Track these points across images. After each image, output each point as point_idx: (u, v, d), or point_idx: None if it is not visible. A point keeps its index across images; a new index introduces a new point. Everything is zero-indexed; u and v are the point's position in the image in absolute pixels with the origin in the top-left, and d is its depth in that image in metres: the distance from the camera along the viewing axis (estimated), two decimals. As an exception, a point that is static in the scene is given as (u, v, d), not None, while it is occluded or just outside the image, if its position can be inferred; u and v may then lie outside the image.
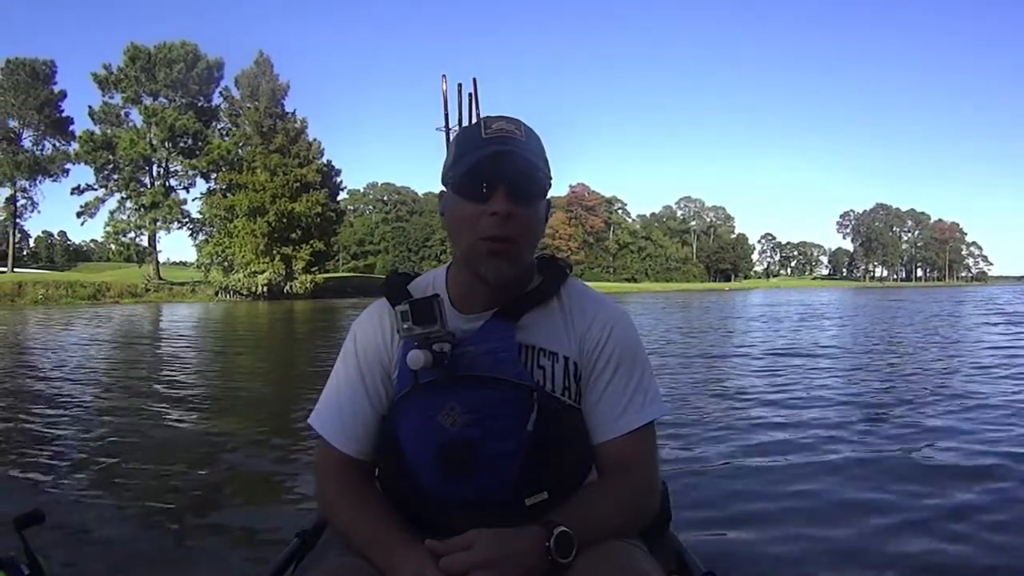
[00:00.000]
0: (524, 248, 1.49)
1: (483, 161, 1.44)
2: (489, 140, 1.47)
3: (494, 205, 1.43)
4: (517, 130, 1.50)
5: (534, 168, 1.47)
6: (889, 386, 9.68)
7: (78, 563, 3.66)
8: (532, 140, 1.52)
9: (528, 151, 1.48)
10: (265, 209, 61.74)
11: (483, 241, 1.45)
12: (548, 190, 1.54)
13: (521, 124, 1.52)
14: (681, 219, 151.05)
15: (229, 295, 60.71)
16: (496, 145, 1.45)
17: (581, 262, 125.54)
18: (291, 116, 67.12)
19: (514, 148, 1.46)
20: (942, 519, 4.20)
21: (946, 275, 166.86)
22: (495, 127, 1.49)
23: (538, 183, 1.49)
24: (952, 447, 6.03)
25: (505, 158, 1.44)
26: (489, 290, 1.53)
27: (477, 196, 1.45)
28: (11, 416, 7.91)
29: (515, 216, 1.44)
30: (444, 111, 3.86)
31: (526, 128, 1.53)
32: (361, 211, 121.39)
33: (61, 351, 16.03)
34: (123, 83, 65.85)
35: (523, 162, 1.45)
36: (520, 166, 1.45)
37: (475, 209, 1.45)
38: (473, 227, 1.46)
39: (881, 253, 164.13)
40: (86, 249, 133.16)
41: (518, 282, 1.57)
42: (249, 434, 6.94)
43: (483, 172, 1.45)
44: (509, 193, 1.44)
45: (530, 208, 1.48)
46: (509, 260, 1.47)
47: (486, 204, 1.44)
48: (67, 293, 53.48)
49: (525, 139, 1.49)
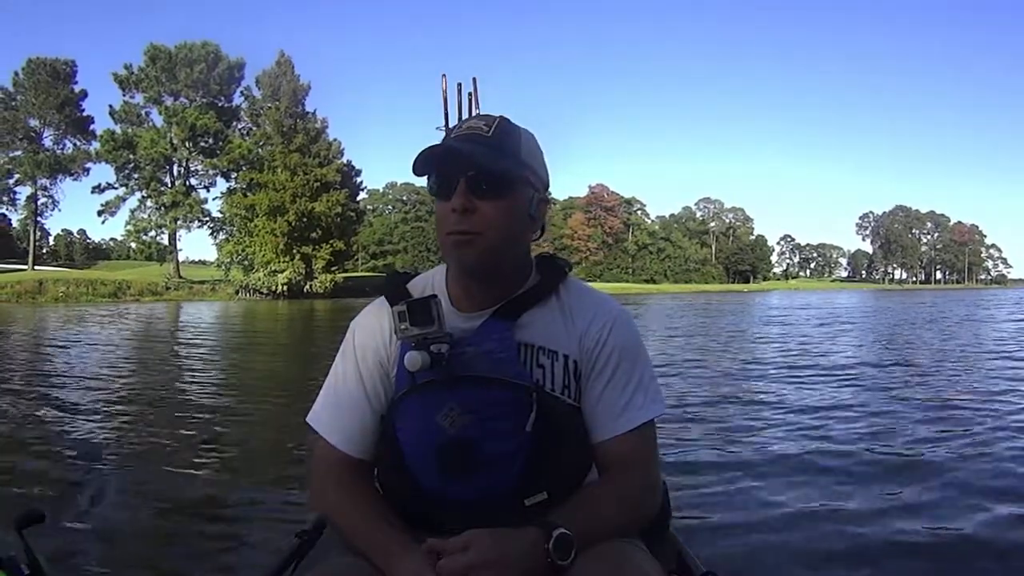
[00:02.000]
0: (494, 240, 1.46)
1: (435, 159, 1.46)
2: (454, 139, 1.48)
3: (454, 201, 1.44)
4: (486, 126, 1.48)
5: (491, 161, 1.44)
6: (896, 394, 9.56)
7: (78, 563, 3.66)
8: (505, 136, 1.49)
9: (490, 145, 1.45)
10: (285, 208, 61.91)
11: (448, 236, 1.46)
12: (520, 182, 1.50)
13: (496, 120, 1.50)
14: (700, 220, 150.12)
15: (249, 294, 61.12)
16: (456, 143, 1.46)
17: (600, 263, 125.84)
18: (311, 116, 67.37)
19: (473, 144, 1.45)
20: (944, 521, 4.21)
21: (965, 278, 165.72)
22: (465, 125, 1.51)
23: (501, 176, 1.46)
24: (967, 455, 5.92)
25: (458, 154, 1.44)
26: (487, 289, 1.53)
27: (442, 193, 1.47)
28: (12, 417, 7.92)
29: (479, 210, 1.44)
30: (444, 110, 3.92)
31: (503, 125, 1.50)
32: (380, 211, 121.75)
33: (80, 349, 16.23)
34: (144, 83, 66.51)
35: (481, 156, 1.43)
36: (478, 161, 1.43)
37: (444, 206, 1.47)
38: (443, 224, 1.47)
39: (900, 255, 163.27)
40: (105, 247, 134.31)
41: (500, 274, 1.54)
42: (251, 434, 7.01)
43: (439, 169, 1.47)
44: (468, 188, 1.44)
45: (498, 201, 1.45)
46: (474, 249, 1.45)
47: (448, 201, 1.45)
48: (88, 291, 53.89)
49: (493, 134, 1.47)
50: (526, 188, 1.51)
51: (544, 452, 1.44)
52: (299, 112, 66.17)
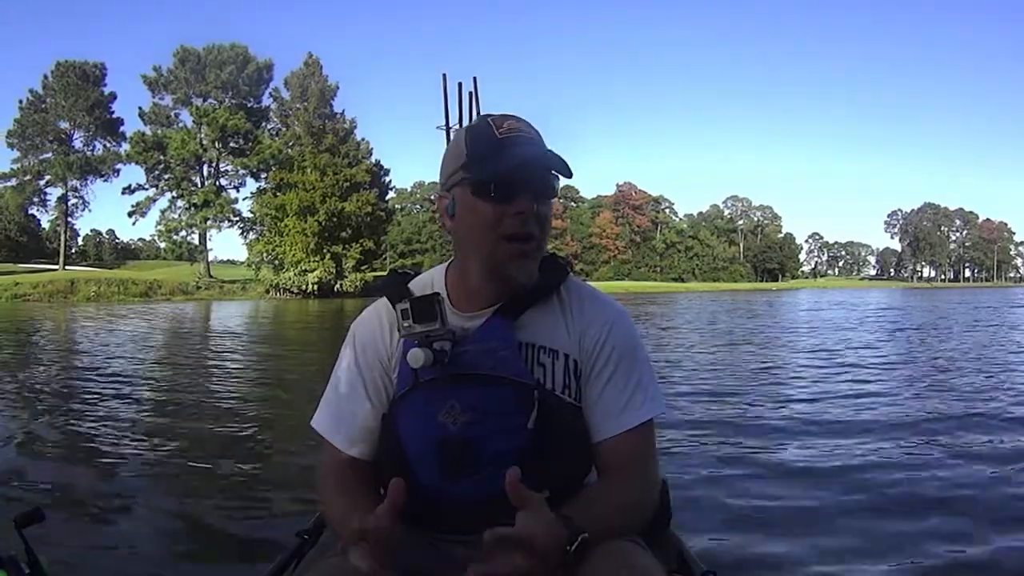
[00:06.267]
0: (544, 245, 1.51)
1: (513, 163, 1.44)
2: (506, 140, 1.46)
3: (518, 205, 1.44)
4: (529, 129, 1.50)
5: (553, 166, 1.48)
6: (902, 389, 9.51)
7: (78, 563, 3.64)
8: (540, 137, 1.52)
9: (545, 149, 1.49)
10: (315, 208, 62.13)
11: (507, 242, 1.45)
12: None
13: (528, 123, 1.53)
14: (728, 218, 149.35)
15: (279, 293, 61.34)
16: (519, 147, 1.46)
17: (628, 261, 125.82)
18: (340, 116, 67.54)
19: (536, 148, 1.48)
20: (945, 523, 4.17)
21: (994, 276, 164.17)
22: (506, 126, 1.49)
23: (556, 180, 1.50)
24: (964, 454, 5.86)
25: (531, 158, 1.46)
26: (490, 288, 1.53)
27: (501, 197, 1.45)
28: (15, 416, 7.99)
29: (538, 214, 1.46)
30: (444, 110, 3.92)
31: (535, 128, 1.53)
32: (408, 210, 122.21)
33: (104, 347, 16.58)
34: (172, 85, 67.31)
35: (548, 161, 1.47)
36: (547, 165, 1.47)
37: (497, 210, 1.45)
38: (495, 228, 1.45)
39: (929, 253, 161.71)
40: (134, 247, 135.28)
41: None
42: (252, 435, 7.03)
43: (515, 174, 1.45)
44: (536, 192, 1.45)
45: (549, 205, 1.50)
46: (534, 259, 1.50)
47: (509, 204, 1.44)
48: (119, 290, 54.46)
49: (538, 137, 1.51)
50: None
51: (545, 451, 1.45)
52: (328, 113, 66.38)
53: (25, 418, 7.80)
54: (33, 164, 70.05)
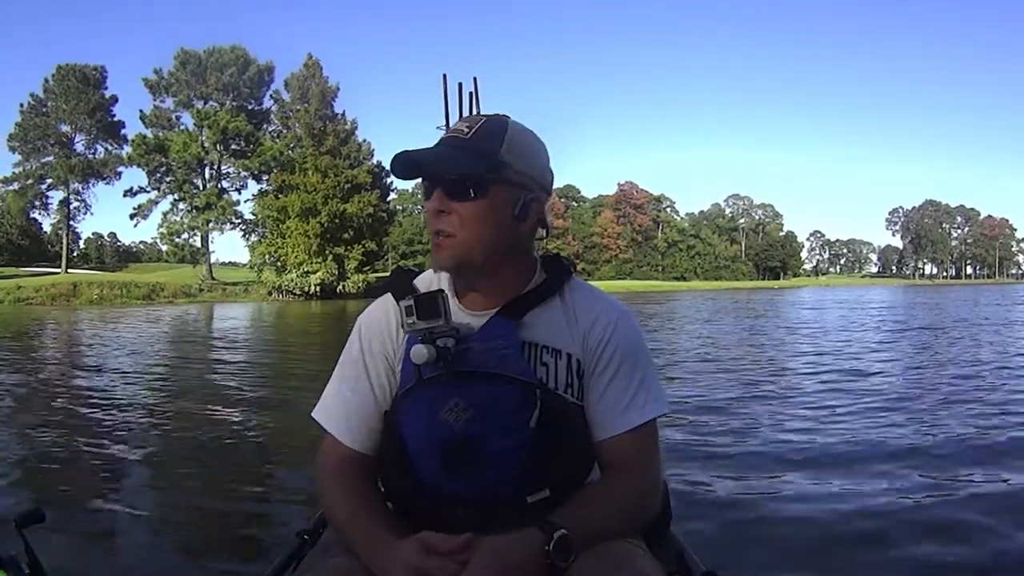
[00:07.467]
0: (467, 240, 1.47)
1: (399, 166, 1.47)
2: (437, 143, 1.52)
3: (429, 203, 1.48)
4: (467, 128, 1.50)
5: (456, 164, 1.46)
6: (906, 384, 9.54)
7: (78, 562, 3.64)
8: (484, 137, 1.48)
9: (465, 148, 1.47)
10: (317, 210, 62.09)
11: (432, 236, 1.50)
12: (497, 183, 1.48)
13: (481, 121, 1.51)
14: (729, 217, 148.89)
15: (282, 295, 61.30)
16: (431, 148, 1.50)
17: (629, 260, 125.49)
18: (341, 117, 67.44)
19: (448, 148, 1.48)
20: (945, 523, 4.13)
21: (996, 272, 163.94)
22: (452, 128, 1.53)
23: (467, 179, 1.46)
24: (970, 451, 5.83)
25: (430, 158, 1.48)
26: (490, 287, 1.54)
27: (425, 196, 1.50)
28: (16, 416, 8.07)
29: (452, 211, 1.46)
30: (445, 110, 3.87)
31: (488, 125, 1.50)
32: (409, 211, 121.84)
33: (110, 349, 16.64)
34: (174, 87, 67.28)
35: (446, 160, 1.47)
36: (444, 165, 1.47)
37: (427, 207, 1.50)
38: (429, 224, 1.51)
39: (930, 250, 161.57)
40: (136, 250, 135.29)
41: (489, 273, 1.54)
42: (253, 435, 7.04)
43: (420, 174, 1.50)
44: (442, 191, 1.47)
45: (471, 202, 1.46)
46: (447, 250, 1.48)
47: (429, 202, 1.49)
48: (122, 293, 54.29)
49: (472, 136, 1.48)
50: (506, 188, 1.48)
51: (547, 449, 1.45)
52: (328, 114, 66.27)
53: (26, 418, 7.81)
54: (35, 167, 70.05)
